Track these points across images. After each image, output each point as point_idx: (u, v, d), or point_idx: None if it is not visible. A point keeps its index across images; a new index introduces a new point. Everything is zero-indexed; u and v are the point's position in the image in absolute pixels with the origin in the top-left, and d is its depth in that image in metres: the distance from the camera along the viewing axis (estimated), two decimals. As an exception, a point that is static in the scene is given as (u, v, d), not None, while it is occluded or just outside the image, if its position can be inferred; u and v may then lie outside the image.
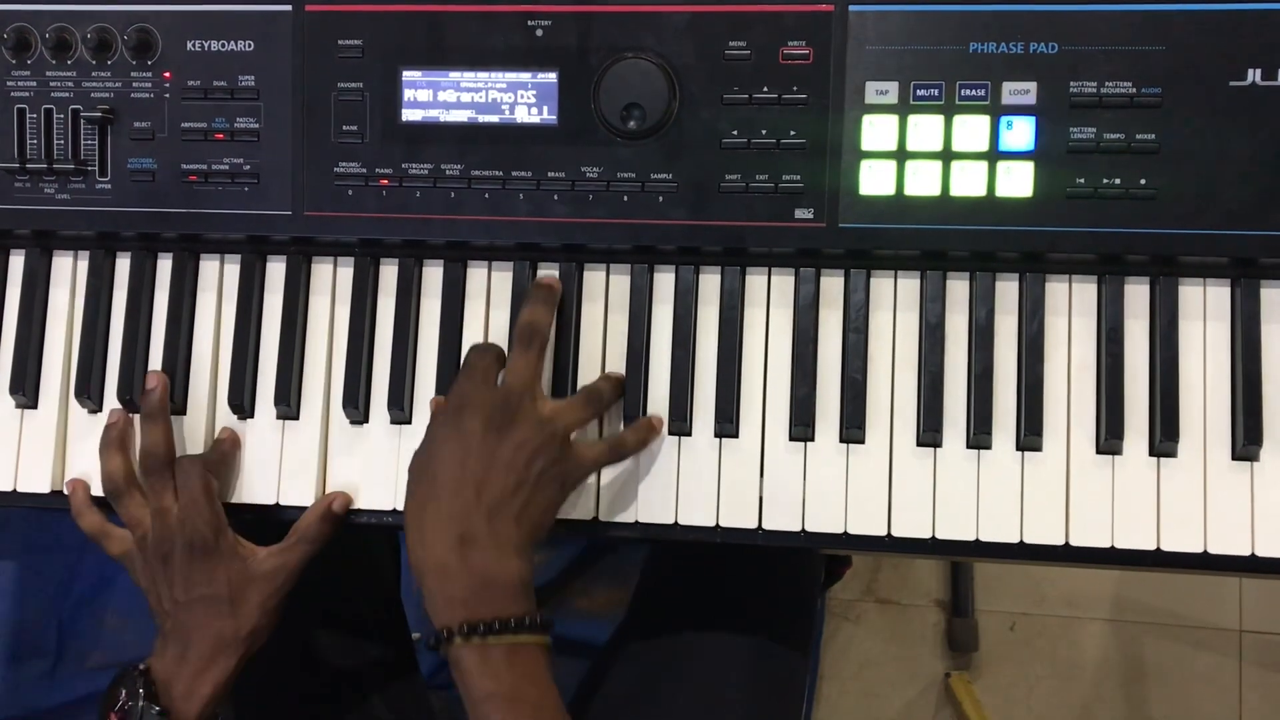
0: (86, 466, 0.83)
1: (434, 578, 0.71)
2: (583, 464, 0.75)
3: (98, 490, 0.82)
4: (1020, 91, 0.74)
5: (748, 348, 0.78)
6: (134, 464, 0.81)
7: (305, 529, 0.79)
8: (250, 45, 0.80)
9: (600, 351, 0.80)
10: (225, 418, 0.82)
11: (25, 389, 0.83)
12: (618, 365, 0.79)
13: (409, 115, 0.79)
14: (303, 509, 0.80)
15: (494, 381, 0.75)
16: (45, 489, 0.83)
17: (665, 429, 0.78)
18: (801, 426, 0.77)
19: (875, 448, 0.77)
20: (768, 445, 0.77)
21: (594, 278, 0.80)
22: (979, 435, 0.75)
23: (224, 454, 0.81)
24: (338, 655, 0.95)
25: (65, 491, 0.82)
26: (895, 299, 0.78)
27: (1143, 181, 0.73)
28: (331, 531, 0.80)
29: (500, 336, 0.80)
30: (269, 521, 0.81)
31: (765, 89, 0.76)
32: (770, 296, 0.79)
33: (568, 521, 0.78)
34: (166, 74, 0.80)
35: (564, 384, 0.79)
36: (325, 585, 0.95)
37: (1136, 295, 0.76)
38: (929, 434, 0.76)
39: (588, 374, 0.79)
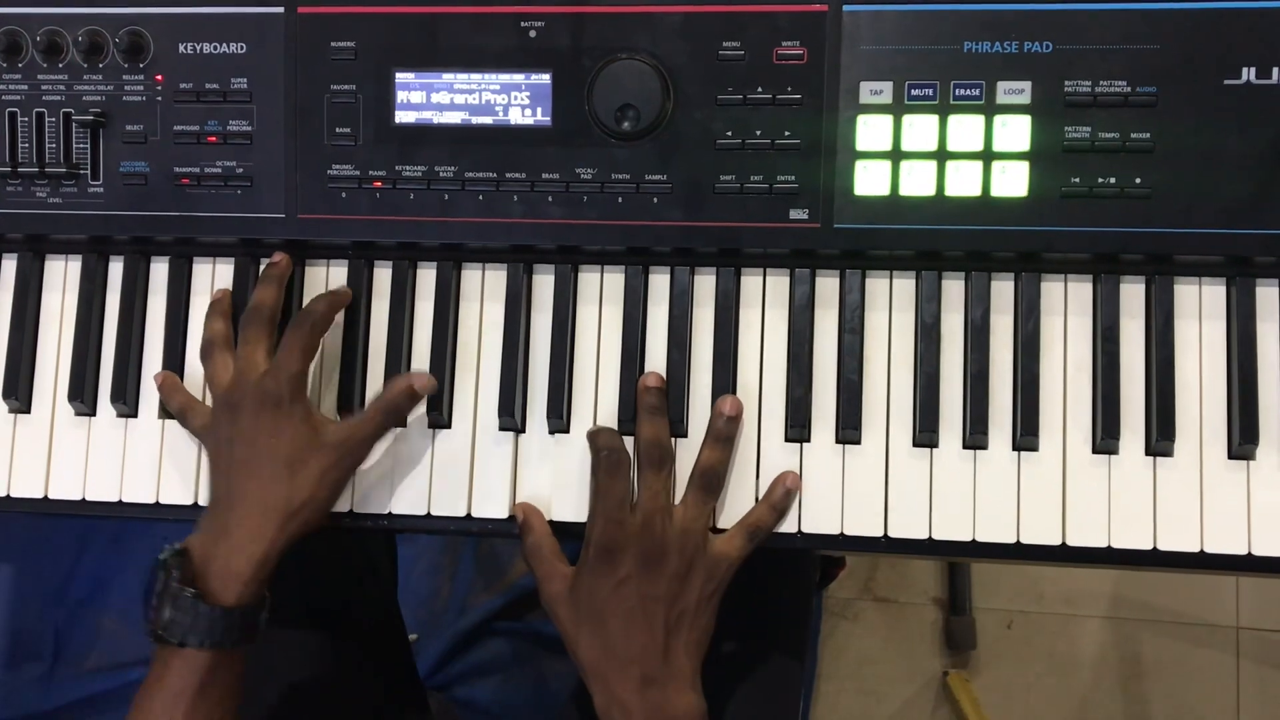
0: (78, 469, 0.83)
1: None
2: (732, 564, 0.75)
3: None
4: (1015, 91, 0.74)
5: (743, 349, 0.78)
6: (232, 331, 0.80)
7: (388, 400, 0.77)
8: (242, 48, 0.79)
9: (595, 354, 0.79)
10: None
11: (18, 393, 0.83)
12: (613, 367, 0.79)
13: (402, 117, 0.78)
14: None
15: (629, 507, 0.74)
16: (39, 494, 0.83)
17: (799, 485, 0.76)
18: (797, 428, 0.76)
19: (871, 449, 0.77)
20: (763, 447, 0.77)
21: (588, 279, 0.80)
22: (975, 435, 0.75)
23: (335, 307, 0.79)
24: (336, 656, 0.95)
25: (156, 381, 0.81)
26: (891, 299, 0.78)
27: (1138, 180, 0.73)
28: (408, 410, 0.78)
29: (494, 336, 0.80)
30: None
31: (759, 89, 0.75)
32: (765, 297, 0.79)
33: (563, 524, 0.78)
34: (158, 76, 0.80)
35: (560, 386, 0.79)
36: (323, 586, 0.95)
37: (1132, 294, 0.76)
38: (925, 434, 0.76)
39: (582, 378, 0.79)
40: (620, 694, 0.72)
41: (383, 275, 0.82)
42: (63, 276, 0.84)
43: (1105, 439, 0.74)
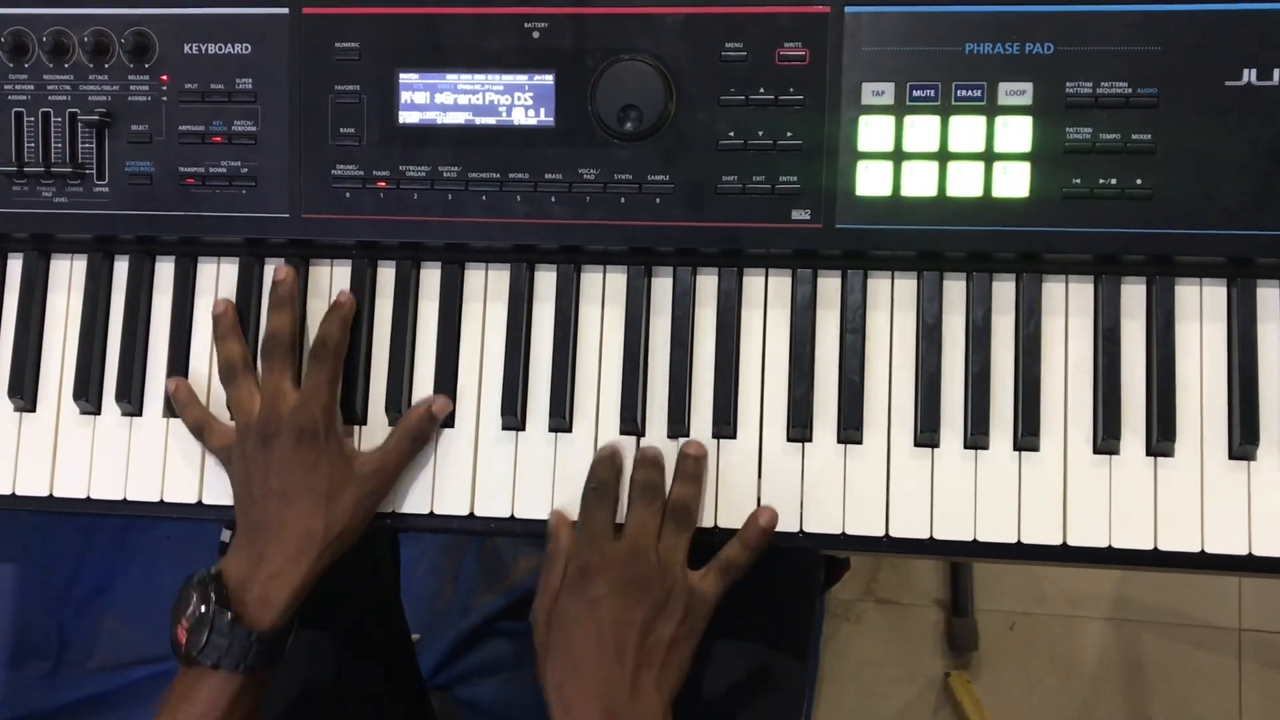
0: (83, 468, 0.83)
1: None
2: (708, 601, 0.74)
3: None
4: (1016, 92, 0.74)
5: (745, 349, 0.78)
6: (248, 348, 0.81)
7: (410, 427, 0.78)
8: (247, 48, 0.80)
9: (597, 354, 0.80)
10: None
11: (24, 392, 0.83)
12: (615, 367, 0.79)
13: (406, 117, 0.79)
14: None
15: (611, 533, 0.74)
16: (44, 492, 0.83)
17: (775, 524, 0.76)
18: (799, 428, 0.77)
19: (873, 448, 0.77)
20: (765, 446, 0.78)
21: (591, 279, 0.80)
22: (976, 435, 0.76)
23: (346, 323, 0.79)
24: (338, 657, 0.95)
25: (169, 390, 0.81)
26: (892, 300, 0.78)
27: (1139, 182, 0.73)
28: (430, 433, 0.79)
29: (497, 336, 0.80)
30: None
31: (762, 90, 0.76)
32: (767, 297, 0.79)
33: (566, 523, 0.78)
34: (164, 77, 0.81)
35: (562, 386, 0.79)
36: (326, 586, 0.95)
37: (1133, 295, 0.76)
38: (926, 434, 0.76)
39: (584, 378, 0.79)
40: None
41: (386, 275, 0.82)
42: (68, 276, 0.85)
43: (1106, 439, 0.75)
